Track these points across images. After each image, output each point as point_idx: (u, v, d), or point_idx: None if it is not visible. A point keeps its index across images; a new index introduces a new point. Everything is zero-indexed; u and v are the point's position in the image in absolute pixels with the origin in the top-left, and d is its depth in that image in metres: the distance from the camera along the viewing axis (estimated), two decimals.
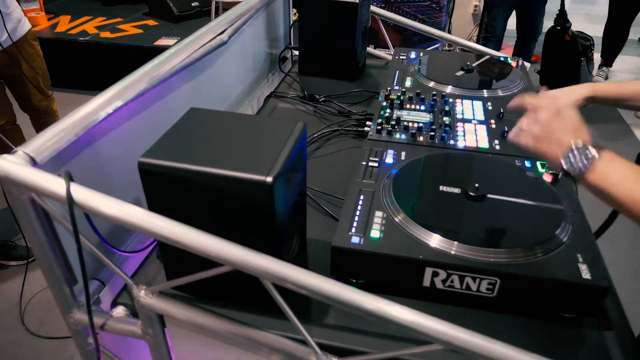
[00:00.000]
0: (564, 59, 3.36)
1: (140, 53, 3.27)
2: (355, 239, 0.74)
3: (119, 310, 0.78)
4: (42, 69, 2.18)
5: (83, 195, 0.61)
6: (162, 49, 0.96)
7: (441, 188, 0.84)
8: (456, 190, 0.83)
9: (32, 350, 1.73)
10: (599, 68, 3.73)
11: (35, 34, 2.13)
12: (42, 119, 2.27)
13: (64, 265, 0.73)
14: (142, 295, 0.70)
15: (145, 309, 0.71)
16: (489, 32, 3.44)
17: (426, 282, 0.74)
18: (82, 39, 3.43)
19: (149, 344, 0.77)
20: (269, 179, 0.60)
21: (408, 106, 1.15)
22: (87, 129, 0.73)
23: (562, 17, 3.25)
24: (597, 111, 3.37)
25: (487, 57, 1.44)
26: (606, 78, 3.68)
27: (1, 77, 2.06)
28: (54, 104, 2.30)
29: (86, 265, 0.67)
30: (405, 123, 1.08)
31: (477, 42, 3.42)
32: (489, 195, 0.82)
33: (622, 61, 3.88)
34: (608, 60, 3.72)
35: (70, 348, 1.73)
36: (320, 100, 1.38)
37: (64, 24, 3.72)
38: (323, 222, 0.93)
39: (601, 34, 3.68)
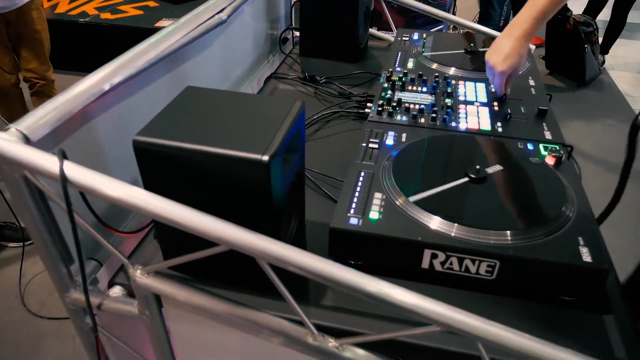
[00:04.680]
0: (568, 46, 3.33)
1: (140, 34, 3.23)
2: (353, 220, 0.73)
3: (116, 290, 0.77)
4: (46, 34, 2.29)
5: (77, 173, 0.60)
6: None
7: (442, 170, 0.83)
8: (457, 173, 0.82)
9: (35, 330, 1.75)
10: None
11: None
12: (40, 85, 2.37)
13: (60, 245, 0.73)
14: (138, 274, 0.69)
15: (141, 289, 0.71)
16: (486, 21, 3.35)
17: (425, 264, 0.73)
18: (82, 20, 3.40)
19: (146, 324, 0.77)
20: (265, 158, 0.59)
21: (410, 88, 1.14)
22: (81, 106, 0.72)
23: (562, 6, 3.19)
24: (602, 98, 3.35)
25: (491, 39, 1.41)
26: (602, 64, 3.63)
27: (8, 36, 2.16)
28: (51, 74, 2.40)
29: (83, 245, 0.66)
30: (407, 105, 1.06)
31: None
32: (490, 178, 0.81)
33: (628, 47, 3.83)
34: (603, 48, 3.66)
35: (72, 329, 1.73)
36: (321, 81, 1.36)
37: (63, 4, 3.67)
38: (322, 204, 0.92)
39: (603, 16, 3.62)
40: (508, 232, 0.71)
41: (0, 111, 2.20)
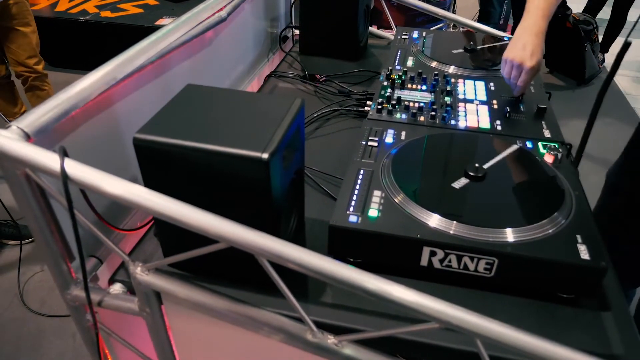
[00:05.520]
0: (568, 45, 3.33)
1: (140, 33, 3.23)
2: (353, 218, 0.74)
3: (117, 287, 0.78)
4: (31, 28, 2.28)
5: (78, 171, 0.61)
6: None
7: (441, 168, 0.83)
8: (456, 170, 0.82)
9: (35, 328, 1.75)
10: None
11: None
12: (32, 79, 2.37)
13: (60, 242, 0.73)
14: (139, 272, 0.70)
15: (142, 286, 0.71)
16: (486, 19, 3.34)
17: (424, 261, 0.73)
18: (82, 18, 3.40)
19: (146, 321, 0.77)
20: (265, 156, 0.60)
21: (409, 86, 1.14)
22: (82, 104, 0.72)
23: (561, 4, 3.19)
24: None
25: (491, 37, 1.42)
26: (602, 62, 3.63)
27: None
28: (42, 68, 2.40)
29: (84, 243, 0.67)
30: (406, 103, 1.07)
31: None
32: (489, 176, 0.81)
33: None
34: (603, 46, 3.65)
35: (72, 326, 1.74)
36: (321, 80, 1.36)
37: (63, 2, 3.67)
38: (322, 202, 0.92)
39: (603, 14, 3.62)
40: (506, 229, 0.71)
41: None
